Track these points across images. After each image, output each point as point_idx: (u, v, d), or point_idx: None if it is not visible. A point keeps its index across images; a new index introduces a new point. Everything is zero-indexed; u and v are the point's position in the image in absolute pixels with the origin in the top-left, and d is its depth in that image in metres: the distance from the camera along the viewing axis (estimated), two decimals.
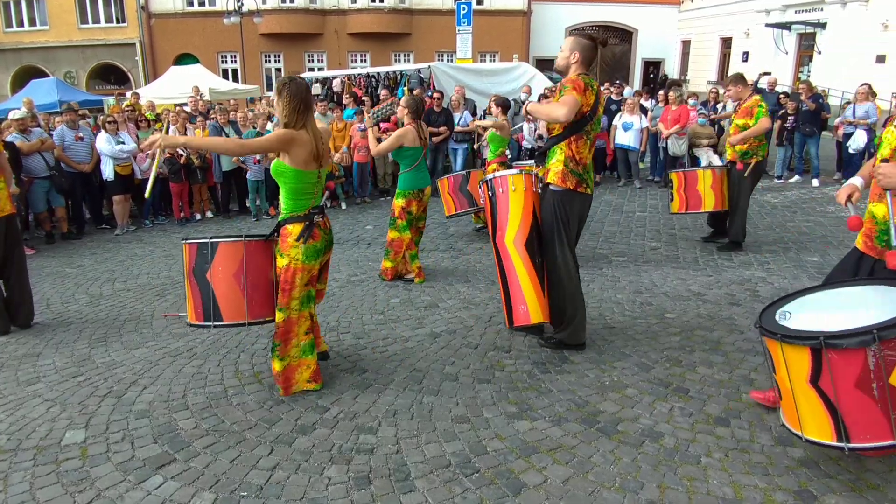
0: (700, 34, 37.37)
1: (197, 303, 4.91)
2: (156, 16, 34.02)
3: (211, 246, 4.84)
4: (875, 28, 24.52)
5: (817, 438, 3.59)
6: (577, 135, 5.15)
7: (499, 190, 5.42)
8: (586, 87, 5.01)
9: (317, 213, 4.75)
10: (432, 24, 35.44)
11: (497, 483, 3.79)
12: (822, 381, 3.43)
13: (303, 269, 4.67)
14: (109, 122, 11.11)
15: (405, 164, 7.49)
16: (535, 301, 5.37)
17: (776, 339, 3.60)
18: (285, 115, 4.60)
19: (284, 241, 4.67)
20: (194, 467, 4.01)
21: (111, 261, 9.42)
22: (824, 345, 3.36)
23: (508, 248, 5.37)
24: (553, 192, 5.27)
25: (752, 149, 8.34)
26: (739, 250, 8.71)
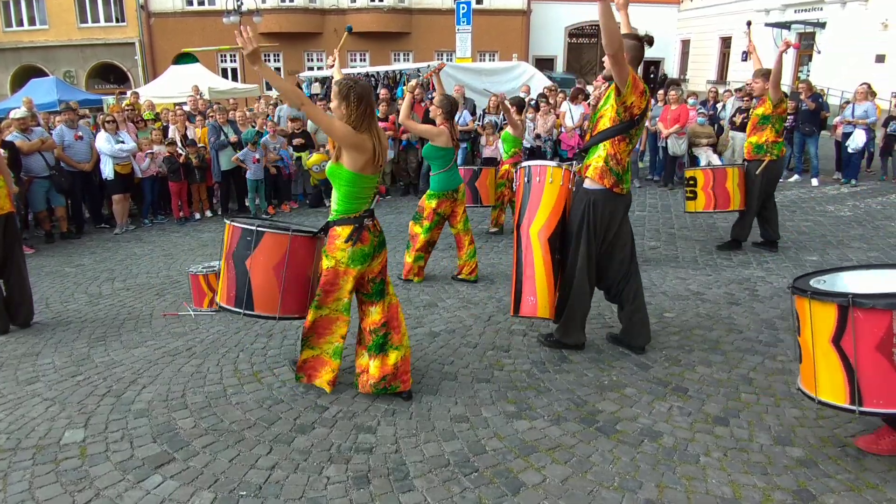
0: (699, 34, 37.36)
1: (231, 286, 4.86)
2: (155, 15, 33.98)
3: (256, 234, 4.76)
4: (874, 28, 24.52)
5: (830, 400, 3.67)
6: (622, 135, 5.10)
7: (535, 178, 5.39)
8: (644, 91, 4.97)
9: (367, 216, 4.62)
10: (432, 23, 35.41)
11: (496, 482, 3.80)
12: (845, 340, 3.54)
13: (346, 272, 4.56)
14: (109, 121, 11.10)
15: (437, 165, 7.37)
16: (546, 296, 5.36)
17: (806, 296, 3.72)
18: (352, 121, 4.41)
19: (332, 242, 4.57)
20: (193, 466, 4.01)
21: (110, 260, 9.42)
22: (852, 302, 3.48)
23: (531, 238, 5.35)
24: (587, 191, 5.21)
25: (766, 145, 8.26)
26: (739, 250, 8.71)
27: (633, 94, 4.91)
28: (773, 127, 8.22)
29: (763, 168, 8.28)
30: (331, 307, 4.65)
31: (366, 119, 4.44)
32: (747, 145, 8.50)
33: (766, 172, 8.33)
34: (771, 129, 8.22)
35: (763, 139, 8.26)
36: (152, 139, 11.72)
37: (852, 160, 13.61)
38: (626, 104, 4.95)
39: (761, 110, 8.25)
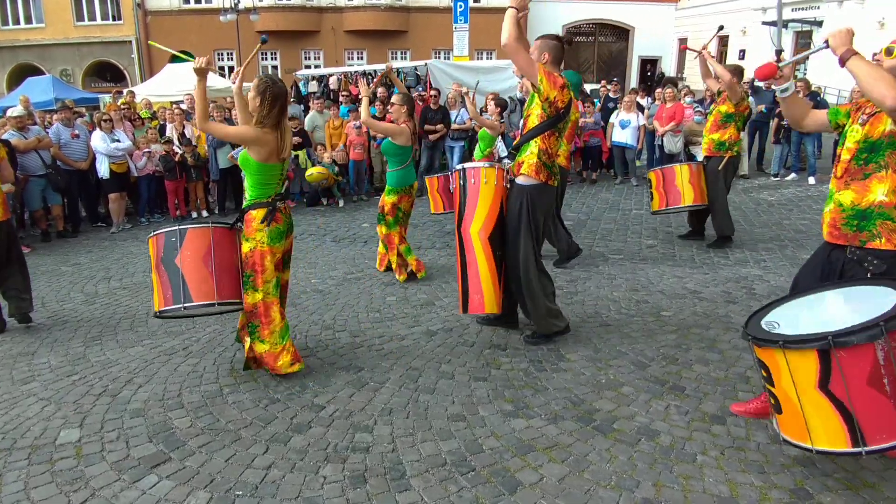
0: (697, 32, 37.25)
1: (166, 289, 5.04)
2: (152, 13, 33.91)
3: (179, 232, 5.05)
4: (871, 26, 24.51)
5: (831, 448, 3.39)
6: (551, 130, 5.34)
7: (471, 181, 5.54)
8: (564, 85, 5.20)
9: (279, 199, 5.04)
10: (429, 21, 35.38)
11: (493, 481, 3.79)
12: (833, 384, 3.27)
13: (268, 251, 4.95)
14: (105, 119, 11.07)
15: (395, 161, 7.55)
16: (492, 292, 5.56)
17: (777, 346, 3.40)
18: (263, 115, 4.86)
19: (249, 225, 4.96)
20: (189, 466, 4.00)
21: (107, 259, 9.40)
22: (833, 344, 3.20)
23: (472, 239, 5.50)
24: (523, 186, 5.42)
25: (728, 141, 8.41)
26: (731, 244, 8.73)
27: (553, 88, 5.16)
28: (735, 125, 8.42)
29: (724, 164, 8.45)
30: (263, 289, 4.99)
31: (275, 117, 4.90)
32: (708, 141, 8.63)
33: (727, 168, 8.52)
34: (734, 127, 8.41)
35: (727, 136, 8.42)
36: (148, 138, 11.69)
37: None
38: (548, 100, 5.19)
39: (724, 108, 8.40)
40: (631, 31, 39.46)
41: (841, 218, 3.86)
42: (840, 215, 3.87)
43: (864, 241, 3.77)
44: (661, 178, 8.83)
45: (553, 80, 5.14)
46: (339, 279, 7.85)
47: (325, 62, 34.83)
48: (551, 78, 5.14)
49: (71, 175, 10.81)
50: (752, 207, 11.36)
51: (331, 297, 7.18)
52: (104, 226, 11.51)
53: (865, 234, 3.76)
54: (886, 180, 3.68)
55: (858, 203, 3.77)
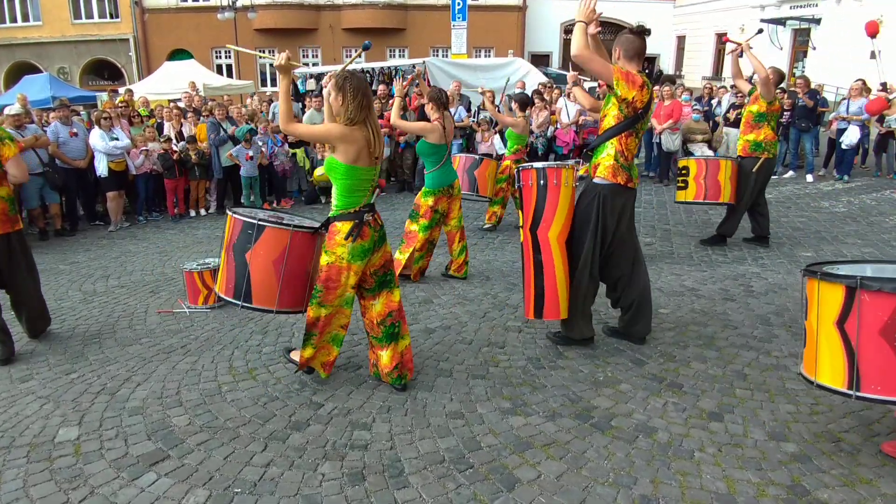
0: (695, 30, 37.38)
1: (230, 277, 4.88)
2: (149, 11, 33.87)
3: (258, 228, 4.78)
4: None
5: (828, 384, 3.69)
6: (629, 131, 5.16)
7: (552, 181, 5.29)
8: (643, 84, 5.02)
9: (367, 210, 4.61)
10: (427, 19, 35.37)
11: (491, 478, 3.80)
12: (849, 322, 3.55)
13: (348, 267, 4.56)
14: (103, 118, 11.07)
15: (431, 162, 7.23)
16: (566, 298, 5.37)
17: (815, 277, 3.74)
18: (350, 111, 4.44)
19: (332, 238, 4.57)
20: (188, 464, 4.01)
21: (105, 257, 9.40)
22: (860, 284, 3.50)
23: (551, 243, 5.28)
24: (599, 187, 5.24)
25: (764, 142, 8.27)
26: (723, 245, 8.72)
27: (631, 88, 4.97)
28: (769, 124, 8.24)
29: (759, 166, 8.29)
30: (334, 304, 4.66)
31: (362, 110, 4.46)
32: (743, 142, 8.45)
33: (761, 170, 8.33)
34: (768, 127, 8.24)
35: (762, 137, 8.26)
36: (146, 136, 11.68)
37: (846, 157, 13.63)
38: (626, 100, 5.00)
39: (755, 108, 8.24)
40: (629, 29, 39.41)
41: None
42: None
43: None
44: (704, 168, 8.58)
45: (631, 81, 4.98)
46: None
47: (322, 60, 34.80)
48: (629, 78, 4.97)
49: (69, 173, 10.80)
50: None
51: None
52: (102, 224, 11.50)
53: None
54: None
55: None
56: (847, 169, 13.70)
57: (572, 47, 4.99)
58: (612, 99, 5.14)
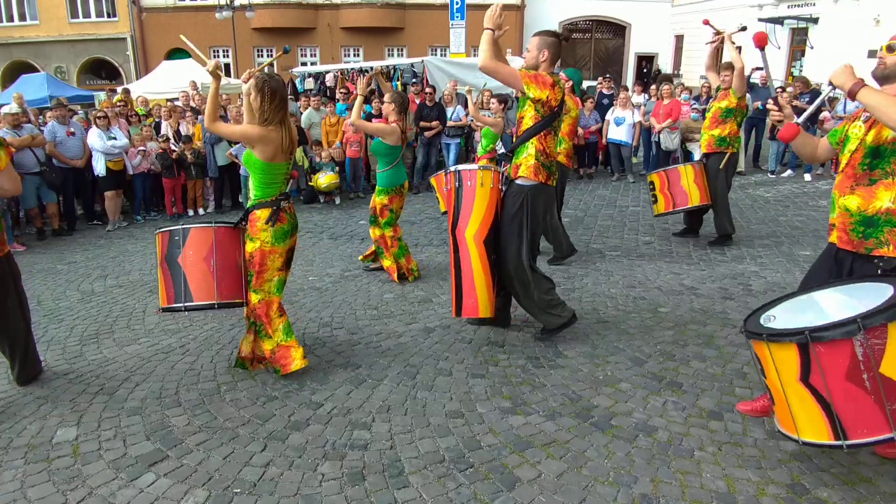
0: (693, 29, 37.28)
1: (168, 287, 5.08)
2: (147, 10, 33.83)
3: (182, 232, 5.06)
4: (867, 23, 24.55)
5: (815, 440, 3.49)
6: (547, 129, 5.31)
7: (467, 182, 5.48)
8: (554, 83, 5.19)
9: (283, 198, 5.01)
10: (425, 18, 35.34)
11: (491, 478, 3.79)
12: (813, 377, 3.36)
13: (272, 251, 4.95)
14: (100, 117, 11.04)
15: (385, 161, 7.49)
16: (486, 296, 5.49)
17: (762, 339, 3.53)
18: (265, 112, 4.81)
19: (253, 225, 4.94)
20: (187, 464, 4.00)
21: (103, 257, 9.38)
22: (810, 339, 3.29)
23: (467, 242, 5.44)
24: (522, 187, 5.39)
25: (729, 138, 8.36)
26: (731, 243, 8.73)
27: (543, 88, 5.15)
28: (735, 120, 8.34)
29: (726, 161, 8.39)
30: (265, 289, 5.02)
31: (278, 112, 4.85)
32: (708, 138, 8.53)
33: (727, 165, 8.44)
34: (734, 122, 8.34)
35: (727, 132, 8.35)
36: (143, 135, 11.66)
37: None
38: (541, 100, 5.17)
39: (725, 103, 8.33)
40: (627, 27, 39.46)
41: (849, 223, 3.83)
42: (848, 220, 3.83)
43: (871, 249, 3.75)
44: (666, 180, 8.74)
45: (541, 82, 5.13)
46: (337, 276, 7.84)
47: (321, 59, 34.79)
48: (538, 80, 5.13)
49: (66, 173, 10.77)
50: (748, 204, 11.38)
51: (328, 294, 7.18)
52: (100, 224, 11.48)
53: (872, 242, 3.74)
54: (893, 187, 3.65)
55: (864, 209, 3.74)
56: None
57: (479, 58, 5.17)
58: (526, 101, 5.29)
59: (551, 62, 5.32)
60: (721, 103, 8.38)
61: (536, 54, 5.27)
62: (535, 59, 5.28)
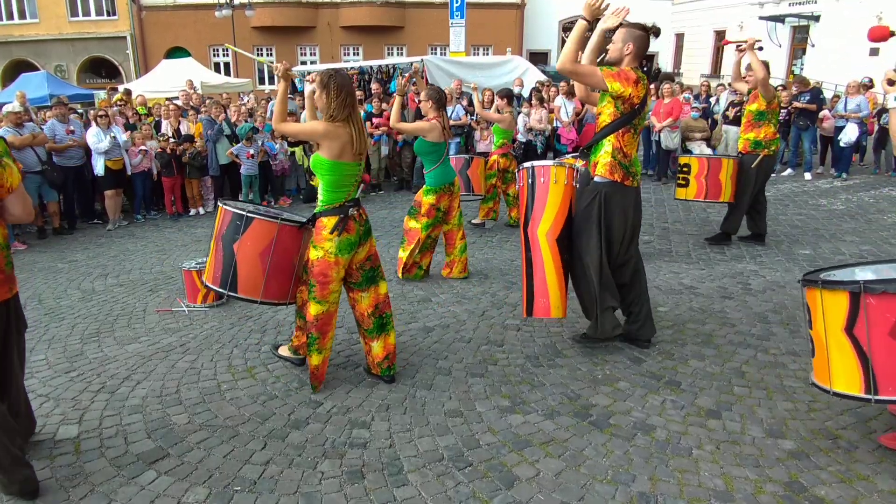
0: (693, 27, 37.37)
1: (217, 266, 4.95)
2: (146, 8, 33.83)
3: (246, 219, 4.85)
4: (869, 21, 24.52)
5: (846, 391, 3.64)
6: (626, 127, 5.13)
7: (540, 179, 5.32)
8: (638, 79, 5.00)
9: (352, 205, 4.70)
10: (425, 17, 35.35)
11: (490, 476, 3.81)
12: (858, 328, 3.51)
13: (336, 262, 4.64)
14: (100, 115, 11.05)
15: (430, 160, 7.27)
16: (558, 297, 5.33)
17: (816, 286, 3.71)
18: (332, 108, 4.56)
19: (319, 233, 4.66)
20: (188, 462, 4.02)
21: (103, 256, 9.39)
22: (863, 289, 3.46)
23: (540, 240, 5.29)
24: (598, 185, 5.20)
25: (765, 141, 8.25)
26: (729, 243, 8.73)
27: (626, 85, 4.95)
28: (770, 122, 8.24)
29: (758, 163, 8.29)
30: (329, 300, 4.72)
31: (346, 108, 4.58)
32: (744, 141, 8.44)
33: (760, 167, 8.34)
34: (769, 125, 8.23)
35: (762, 135, 8.24)
36: (143, 134, 11.67)
37: (844, 154, 13.65)
38: (622, 96, 4.98)
39: (755, 106, 8.22)
40: None
41: None
42: None
43: None
44: (706, 167, 8.57)
45: (625, 78, 4.96)
46: None
47: (321, 58, 34.82)
48: (621, 77, 4.96)
49: (67, 172, 10.78)
50: None
51: None
52: (100, 223, 11.49)
53: None
54: None
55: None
56: (845, 166, 13.72)
57: (560, 57, 4.97)
58: (606, 97, 5.12)
59: (635, 56, 5.11)
60: (752, 106, 8.30)
61: (621, 47, 5.09)
62: (620, 53, 5.10)
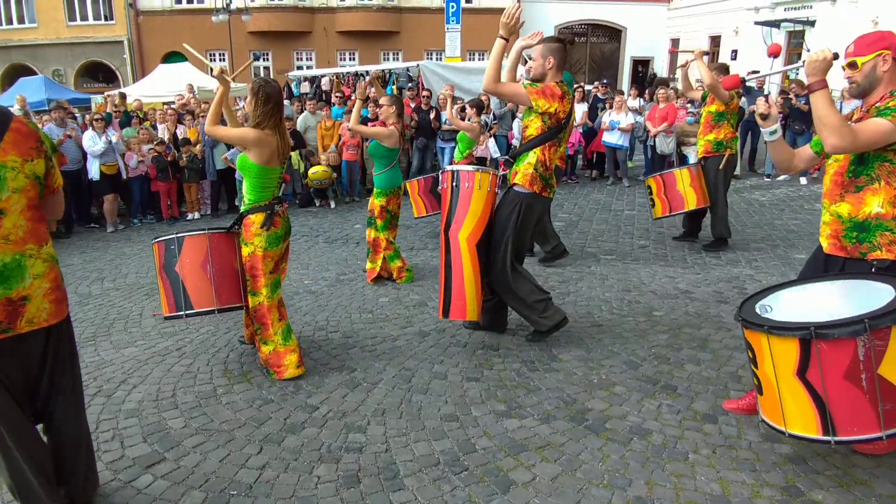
0: (689, 32, 37.39)
1: (169, 295, 5.18)
2: (143, 13, 33.83)
3: (177, 241, 5.15)
4: (865, 25, 24.57)
5: (802, 433, 3.52)
6: (552, 141, 5.30)
7: (464, 184, 5.45)
8: (563, 94, 5.14)
9: (277, 202, 5.06)
10: (421, 22, 35.40)
11: (486, 481, 3.81)
12: (811, 373, 3.37)
13: (266, 254, 5.00)
14: (96, 119, 11.04)
15: (382, 164, 7.50)
16: (474, 300, 5.48)
17: (762, 331, 3.53)
18: (258, 116, 4.89)
19: (248, 230, 5.00)
20: (184, 466, 4.01)
21: (100, 260, 9.39)
22: (814, 335, 3.30)
23: (460, 244, 5.41)
24: (517, 194, 5.39)
25: (725, 140, 8.40)
26: (726, 247, 8.75)
27: (552, 101, 5.12)
28: (729, 122, 8.38)
29: (725, 162, 8.41)
30: (264, 292, 5.06)
31: (272, 116, 4.92)
32: (704, 143, 8.57)
33: (726, 166, 8.47)
34: (728, 125, 8.38)
35: (722, 135, 8.39)
36: (140, 138, 11.66)
37: None
38: (549, 112, 5.14)
39: (714, 107, 8.38)
40: (623, 31, 39.52)
41: (841, 230, 3.84)
42: (840, 227, 3.85)
43: (865, 253, 3.76)
44: (662, 184, 8.77)
45: (549, 94, 5.09)
46: (332, 280, 7.86)
47: (317, 63, 34.84)
48: (546, 93, 5.09)
49: (64, 176, 10.72)
50: (743, 207, 11.41)
51: (323, 298, 7.19)
52: (97, 227, 11.49)
53: (866, 246, 3.74)
54: (881, 192, 3.66)
55: (855, 215, 3.76)
56: None
57: (484, 80, 5.15)
58: (532, 113, 5.25)
59: (558, 69, 5.24)
60: (710, 107, 8.44)
61: (542, 62, 5.22)
62: (542, 68, 5.22)
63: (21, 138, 3.00)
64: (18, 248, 3.08)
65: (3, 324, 3.03)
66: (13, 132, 2.99)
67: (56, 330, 3.33)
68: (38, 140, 3.11)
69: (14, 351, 3.14)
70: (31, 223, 3.15)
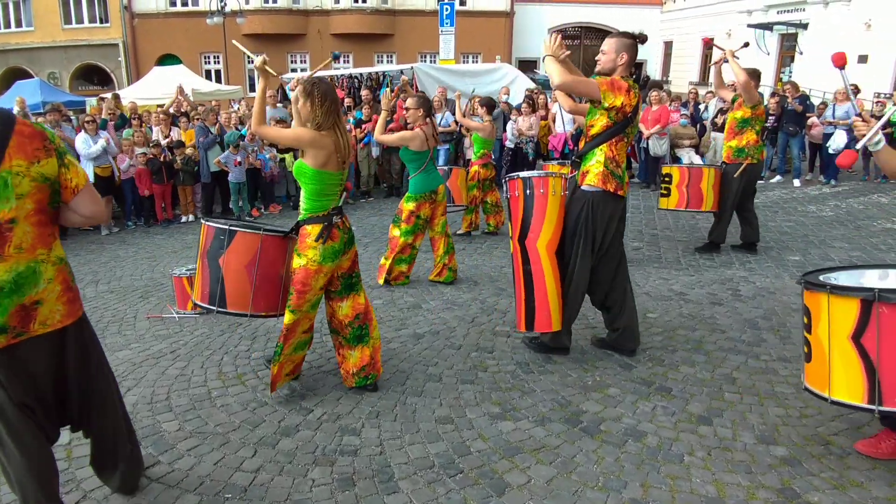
0: (682, 35, 37.56)
1: (205, 283, 4.95)
2: (138, 16, 33.81)
3: (228, 233, 4.84)
4: (857, 28, 24.70)
5: (846, 399, 3.55)
6: (619, 136, 5.13)
7: (538, 190, 5.20)
8: (629, 88, 4.99)
9: (336, 213, 4.63)
10: (415, 24, 35.44)
11: (481, 483, 3.80)
12: (866, 336, 3.41)
13: (319, 269, 4.56)
14: (88, 121, 11.01)
15: (413, 167, 7.25)
16: (557, 309, 5.26)
17: (824, 291, 3.59)
18: (317, 117, 4.48)
19: (303, 241, 4.57)
20: (178, 469, 4.00)
21: (94, 262, 9.36)
22: (878, 297, 3.35)
23: (540, 253, 5.19)
24: (588, 194, 5.17)
25: (747, 148, 8.23)
26: (718, 251, 8.74)
27: (618, 94, 4.94)
28: (753, 129, 8.21)
29: (741, 171, 8.27)
30: (302, 309, 4.64)
31: (330, 116, 4.51)
32: (727, 149, 8.43)
33: (744, 175, 8.32)
34: (752, 132, 8.21)
35: (744, 142, 8.22)
36: (133, 141, 11.64)
37: (833, 160, 13.71)
38: (615, 107, 4.97)
39: (740, 114, 8.22)
40: None
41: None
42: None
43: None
44: (687, 176, 8.55)
45: (617, 88, 4.95)
46: None
47: (311, 65, 34.79)
48: (614, 87, 4.95)
49: None
50: None
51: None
52: (91, 229, 11.45)
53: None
54: None
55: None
56: (834, 173, 13.79)
57: (554, 80, 5.01)
58: (597, 111, 5.11)
59: (628, 65, 5.11)
60: (736, 114, 8.29)
61: (614, 57, 5.07)
62: (613, 63, 5.08)
63: (25, 141, 2.95)
64: (31, 255, 3.03)
65: (17, 328, 3.01)
66: (17, 135, 2.93)
67: (74, 329, 3.30)
68: (45, 139, 3.03)
69: (29, 360, 3.11)
70: (37, 228, 3.06)
